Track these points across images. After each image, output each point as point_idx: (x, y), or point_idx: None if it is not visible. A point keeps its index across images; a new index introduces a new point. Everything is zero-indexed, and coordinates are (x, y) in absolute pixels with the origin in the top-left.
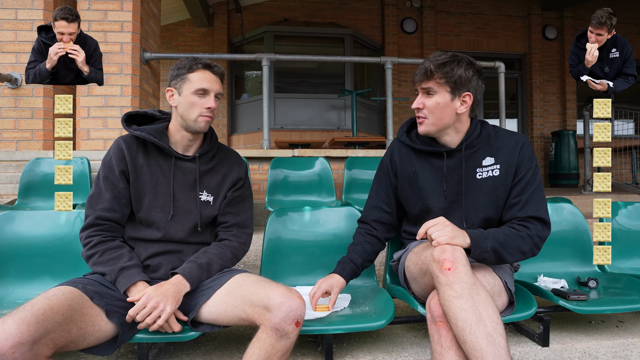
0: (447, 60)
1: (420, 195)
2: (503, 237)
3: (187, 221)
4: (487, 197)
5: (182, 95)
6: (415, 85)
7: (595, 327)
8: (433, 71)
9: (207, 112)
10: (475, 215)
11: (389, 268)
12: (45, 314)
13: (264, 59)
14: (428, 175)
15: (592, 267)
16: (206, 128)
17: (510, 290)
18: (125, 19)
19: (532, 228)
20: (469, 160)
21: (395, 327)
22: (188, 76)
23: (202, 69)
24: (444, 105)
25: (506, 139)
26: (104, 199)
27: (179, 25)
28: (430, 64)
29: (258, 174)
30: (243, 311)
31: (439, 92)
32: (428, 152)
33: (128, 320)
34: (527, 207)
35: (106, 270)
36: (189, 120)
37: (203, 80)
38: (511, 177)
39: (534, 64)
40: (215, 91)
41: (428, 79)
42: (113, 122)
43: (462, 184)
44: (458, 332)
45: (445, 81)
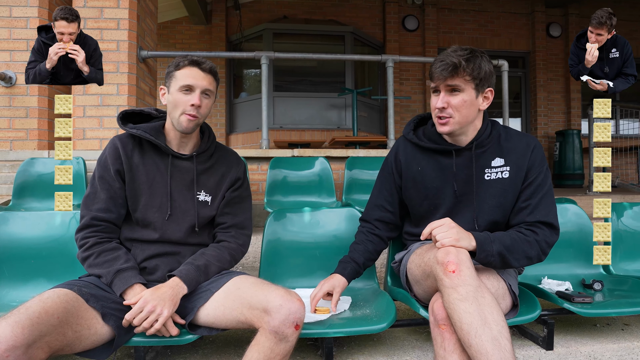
0: (471, 55)
1: (426, 195)
2: (510, 241)
3: (185, 221)
4: (495, 200)
5: (170, 92)
6: (436, 82)
7: (601, 330)
8: (463, 67)
9: (190, 110)
10: (481, 218)
11: (390, 270)
12: (40, 317)
13: (263, 57)
14: (435, 175)
15: (597, 269)
16: (190, 128)
17: (514, 293)
18: (121, 17)
19: (540, 233)
20: (478, 160)
21: (396, 330)
22: (175, 73)
23: (188, 65)
24: (470, 102)
25: (517, 140)
26: (99, 199)
27: (176, 23)
28: (457, 59)
29: (257, 174)
30: (241, 314)
31: (465, 89)
32: (435, 151)
33: (124, 324)
34: (536, 211)
35: (102, 273)
36: (174, 119)
37: (188, 77)
38: (521, 180)
39: (537, 62)
40: (201, 87)
41: (454, 76)
42: (109, 122)
43: (473, 184)
44: (463, 335)
45: (472, 77)
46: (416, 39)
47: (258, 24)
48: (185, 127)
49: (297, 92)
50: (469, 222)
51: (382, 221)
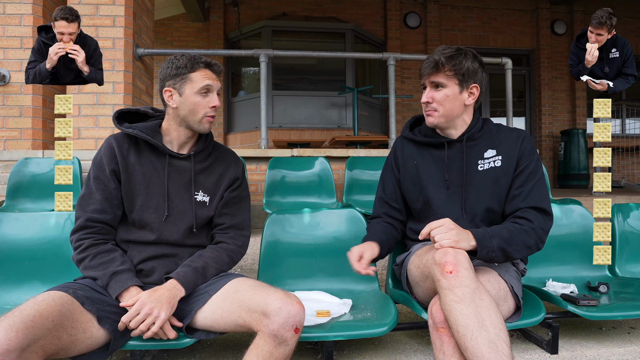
0: (454, 53)
1: (421, 188)
2: (507, 233)
3: (182, 222)
4: (490, 188)
5: (184, 95)
6: (423, 79)
7: (606, 333)
8: (442, 64)
9: (211, 112)
10: (478, 206)
11: (391, 271)
12: (34, 320)
13: (262, 55)
14: (428, 167)
15: (602, 271)
16: (209, 129)
17: (517, 295)
18: (117, 14)
19: (535, 221)
20: (470, 152)
21: (398, 334)
22: (190, 76)
23: (203, 67)
24: (453, 97)
25: (507, 133)
26: (94, 200)
27: (174, 20)
28: (439, 56)
29: (255, 175)
30: (240, 317)
31: (448, 84)
32: (429, 144)
33: (121, 327)
34: (528, 198)
35: (98, 275)
36: (194, 122)
37: (206, 78)
38: (513, 168)
39: (542, 60)
40: (217, 88)
41: (437, 73)
42: (105, 121)
43: (463, 175)
44: (459, 338)
45: (454, 73)
46: (418, 36)
47: (257, 21)
48: (207, 128)
49: (297, 91)
50: (458, 211)
51: (390, 216)
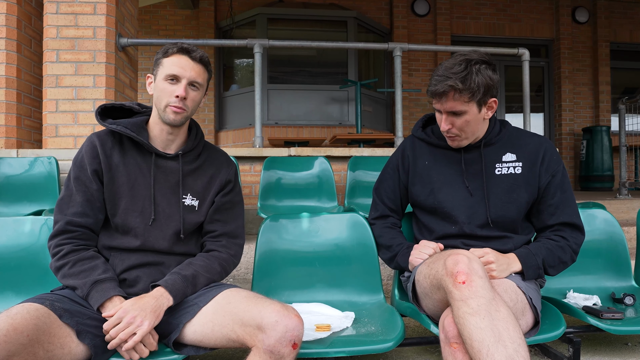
0: (465, 73)
1: (432, 189)
2: (545, 251)
3: (169, 228)
4: (507, 196)
5: (156, 81)
6: (436, 104)
7: (633, 349)
8: (459, 91)
9: (175, 102)
10: (493, 213)
11: (398, 282)
12: (7, 335)
13: (256, 45)
14: (442, 169)
15: (628, 281)
16: (177, 121)
17: (535, 308)
18: (98, 0)
19: (569, 237)
20: (488, 155)
21: (405, 350)
22: (162, 61)
23: (177, 53)
24: (475, 120)
25: (528, 138)
26: (75, 202)
27: (160, 7)
28: (453, 81)
29: (249, 176)
30: (232, 331)
31: (467, 110)
32: (445, 147)
33: (107, 339)
34: (559, 212)
35: (77, 284)
36: (159, 109)
37: (175, 65)
38: (535, 177)
39: (562, 50)
40: (189, 78)
41: (453, 100)
42: (85, 117)
43: (483, 180)
44: (474, 354)
45: (470, 97)
46: (427, 25)
47: (251, 8)
48: (172, 120)
49: (294, 85)
50: (481, 217)
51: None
